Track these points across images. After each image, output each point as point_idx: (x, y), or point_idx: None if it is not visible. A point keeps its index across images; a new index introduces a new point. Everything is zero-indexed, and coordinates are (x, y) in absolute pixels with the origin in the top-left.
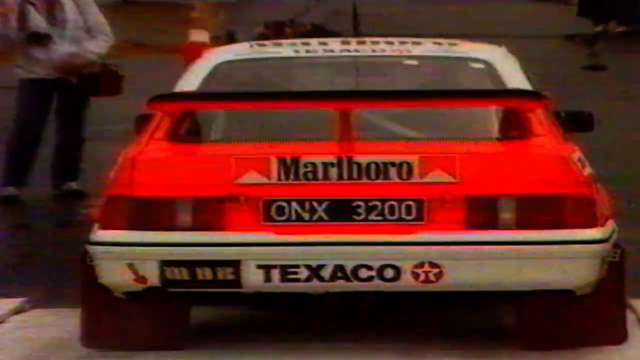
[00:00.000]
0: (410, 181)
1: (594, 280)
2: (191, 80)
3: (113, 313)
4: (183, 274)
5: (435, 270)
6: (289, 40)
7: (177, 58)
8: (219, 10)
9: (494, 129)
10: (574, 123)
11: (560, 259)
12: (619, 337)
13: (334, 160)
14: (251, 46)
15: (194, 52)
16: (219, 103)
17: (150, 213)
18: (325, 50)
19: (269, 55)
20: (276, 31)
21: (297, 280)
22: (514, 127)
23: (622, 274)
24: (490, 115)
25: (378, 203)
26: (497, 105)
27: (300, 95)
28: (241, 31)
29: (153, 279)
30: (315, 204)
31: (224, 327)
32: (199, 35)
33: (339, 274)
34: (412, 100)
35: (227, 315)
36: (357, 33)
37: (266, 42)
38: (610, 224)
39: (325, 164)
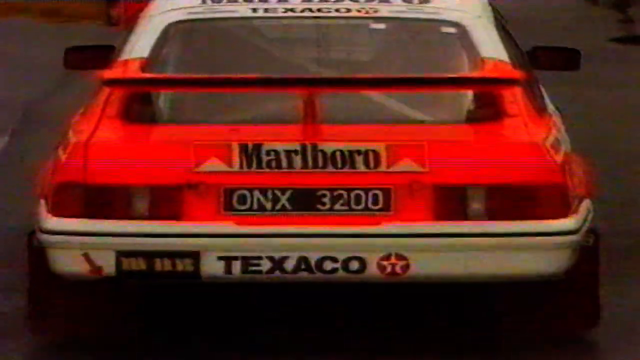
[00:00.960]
0: (377, 170)
1: (565, 268)
2: (140, 44)
3: (63, 299)
4: (140, 265)
5: (402, 263)
6: None
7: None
8: None
9: (466, 107)
10: (562, 61)
11: (531, 250)
12: (591, 320)
13: (298, 148)
14: (204, 1)
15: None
16: (178, 87)
17: (105, 201)
18: (285, 10)
19: (223, 15)
20: None
21: (259, 272)
22: (486, 107)
23: (596, 258)
24: (466, 94)
25: (343, 192)
26: (465, 90)
27: (262, 81)
28: None
29: (109, 270)
30: (278, 193)
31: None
32: None
33: (303, 266)
34: (378, 87)
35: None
36: None
37: None
38: (584, 209)
39: (288, 152)
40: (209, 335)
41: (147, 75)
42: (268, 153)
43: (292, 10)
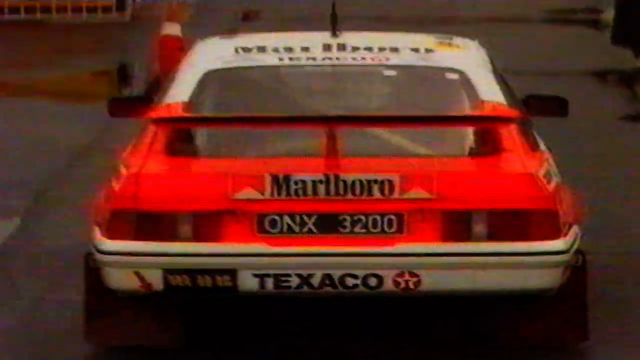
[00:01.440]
0: (391, 197)
1: (557, 285)
2: (181, 89)
3: (115, 311)
4: (185, 281)
5: (414, 279)
6: (271, 43)
7: (150, 50)
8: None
9: (469, 143)
10: (552, 110)
11: (526, 268)
12: (580, 335)
13: (322, 178)
14: (236, 51)
15: (169, 44)
16: (218, 124)
17: (154, 225)
18: (307, 58)
19: (254, 64)
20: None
21: (289, 287)
22: (486, 143)
23: (584, 277)
24: (468, 130)
25: (362, 217)
26: (469, 127)
27: (291, 118)
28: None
29: (157, 285)
30: (305, 217)
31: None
32: (172, 29)
33: (327, 282)
34: (392, 123)
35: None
36: (334, 33)
37: (250, 46)
38: (574, 233)
39: (314, 181)
40: (237, 346)
41: (189, 114)
42: (296, 183)
43: (314, 59)
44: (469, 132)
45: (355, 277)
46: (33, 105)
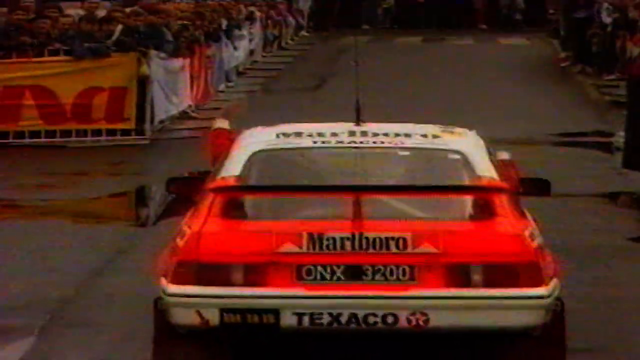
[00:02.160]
0: (405, 252)
1: (541, 324)
2: (233, 166)
3: (177, 347)
4: (237, 318)
5: (424, 318)
6: (306, 130)
7: (202, 141)
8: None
9: (467, 209)
10: (537, 191)
11: (515, 309)
12: None
13: (349, 236)
14: (277, 136)
15: (221, 136)
16: (264, 193)
17: (212, 274)
18: (336, 142)
19: (293, 146)
20: None
21: (322, 324)
22: (482, 209)
23: (562, 320)
24: (468, 199)
25: (381, 267)
26: (468, 196)
27: (323, 188)
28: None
29: (214, 322)
30: (335, 267)
31: None
32: (222, 123)
33: (353, 320)
34: (405, 192)
35: None
36: (358, 123)
37: (289, 132)
38: (554, 283)
39: (342, 238)
40: None
41: (241, 185)
42: (327, 239)
43: (341, 142)
44: (468, 200)
45: (375, 315)
46: (49, 226)
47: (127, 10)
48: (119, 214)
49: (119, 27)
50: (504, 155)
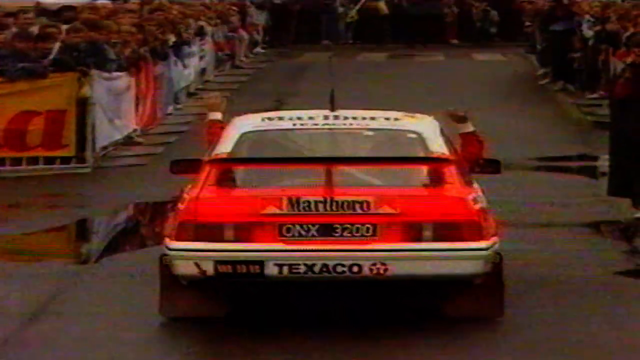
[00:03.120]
0: (368, 212)
1: (482, 273)
2: (226, 144)
3: (179, 294)
4: (229, 269)
5: (384, 267)
6: (287, 115)
7: (199, 132)
8: (223, 97)
9: (421, 178)
10: (488, 168)
11: (459, 259)
12: (498, 311)
13: (322, 199)
14: (262, 120)
15: (214, 127)
16: (251, 164)
17: (208, 232)
18: (313, 124)
19: (276, 128)
20: None
21: (298, 273)
22: (433, 178)
23: (500, 271)
24: (422, 169)
25: (348, 225)
26: (420, 167)
27: (300, 159)
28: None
29: (210, 272)
30: (310, 226)
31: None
32: (215, 115)
33: (324, 269)
34: (369, 163)
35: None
36: (332, 109)
37: (272, 117)
38: (493, 239)
39: (316, 202)
40: (262, 318)
41: (232, 157)
42: (304, 203)
43: (316, 124)
44: (421, 170)
45: (343, 265)
46: None
47: (65, 26)
48: (58, 250)
49: (57, 44)
50: (466, 128)
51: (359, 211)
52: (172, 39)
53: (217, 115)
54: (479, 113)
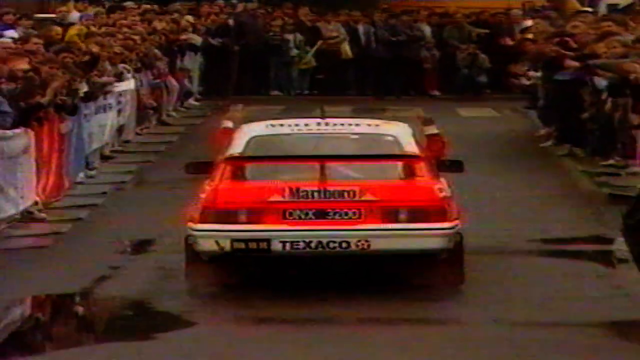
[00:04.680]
0: (354, 199)
1: (446, 249)
2: (237, 146)
3: (200, 265)
4: (242, 245)
5: (367, 243)
6: (287, 122)
7: (213, 139)
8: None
9: (397, 172)
10: (453, 167)
11: (427, 237)
12: (460, 280)
13: (317, 189)
14: (267, 127)
15: (226, 133)
16: (259, 161)
17: (225, 216)
18: (308, 129)
19: (278, 132)
20: None
21: (298, 248)
22: (406, 172)
23: (461, 248)
24: (397, 165)
25: (339, 210)
26: (396, 163)
27: (299, 157)
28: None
29: (227, 248)
30: (307, 210)
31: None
32: (228, 124)
33: (319, 245)
34: (355, 160)
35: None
36: (323, 118)
37: (275, 124)
38: (456, 221)
39: (312, 191)
40: (268, 288)
41: (244, 156)
42: (302, 192)
43: (311, 129)
44: (397, 166)
45: (334, 242)
46: None
47: None
48: None
49: None
50: (431, 129)
51: (347, 198)
52: (83, 88)
53: (229, 124)
54: (468, 182)
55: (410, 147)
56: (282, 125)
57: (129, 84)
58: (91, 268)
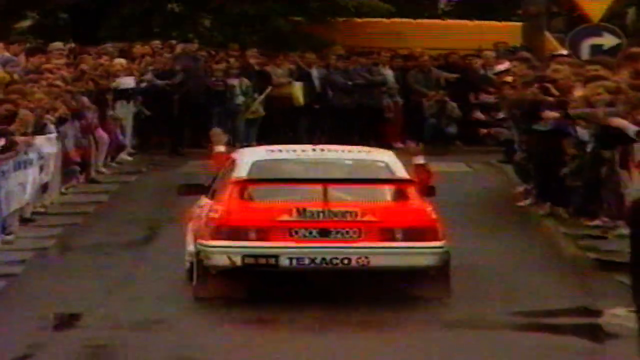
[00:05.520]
0: (356, 219)
1: (437, 265)
2: (241, 170)
3: (209, 279)
4: (252, 260)
5: (367, 260)
6: (285, 147)
7: (208, 163)
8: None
9: (392, 195)
10: (428, 192)
11: (421, 255)
12: (446, 293)
13: (321, 210)
14: (267, 152)
15: (220, 157)
16: (264, 184)
17: (237, 233)
18: (305, 155)
19: (278, 157)
20: None
21: (304, 264)
22: (399, 195)
23: (448, 264)
24: (392, 188)
25: (342, 229)
26: (391, 186)
27: (303, 180)
28: None
29: (238, 263)
30: (312, 229)
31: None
32: (220, 148)
33: (323, 261)
34: (352, 183)
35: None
36: (316, 145)
37: (274, 149)
38: (445, 241)
39: (317, 211)
40: (275, 301)
41: (251, 178)
42: (308, 212)
43: (308, 155)
44: (391, 190)
45: (337, 259)
46: None
47: None
48: None
49: None
50: (419, 160)
51: (349, 219)
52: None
53: (221, 148)
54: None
55: (400, 172)
56: (280, 150)
57: (52, 137)
58: (8, 348)
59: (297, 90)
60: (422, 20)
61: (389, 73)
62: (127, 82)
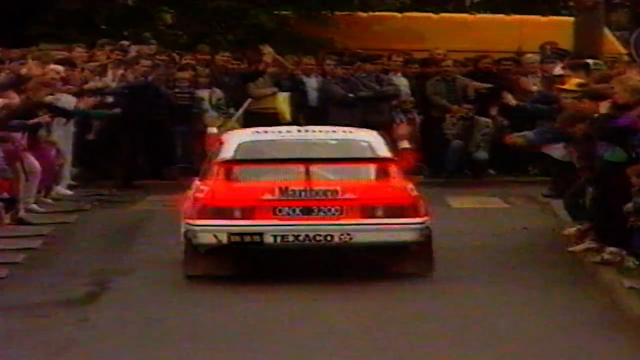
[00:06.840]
0: (337, 197)
1: (417, 240)
2: (228, 151)
3: (198, 258)
4: (237, 238)
5: (349, 236)
6: (271, 129)
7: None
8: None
9: (373, 174)
10: (415, 172)
11: (402, 230)
12: (429, 269)
13: (303, 188)
14: (253, 134)
15: (213, 138)
16: (249, 165)
17: (223, 212)
18: (290, 135)
19: (264, 138)
20: None
21: (288, 241)
22: (381, 173)
23: (430, 240)
24: (373, 167)
25: (323, 207)
26: (372, 165)
27: (286, 160)
28: None
29: (224, 241)
30: (295, 207)
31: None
32: (213, 130)
33: (306, 239)
34: (334, 162)
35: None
36: (301, 126)
37: (260, 131)
38: (425, 217)
39: (299, 190)
40: (260, 277)
41: (236, 159)
42: (291, 191)
43: (293, 136)
44: (372, 168)
45: (320, 235)
46: None
47: None
48: None
49: None
50: (404, 144)
51: (330, 197)
52: None
53: (214, 130)
54: (462, 306)
55: (383, 151)
56: (266, 132)
57: None
58: None
59: (282, 102)
60: (445, 15)
61: (402, 82)
62: (66, 97)
